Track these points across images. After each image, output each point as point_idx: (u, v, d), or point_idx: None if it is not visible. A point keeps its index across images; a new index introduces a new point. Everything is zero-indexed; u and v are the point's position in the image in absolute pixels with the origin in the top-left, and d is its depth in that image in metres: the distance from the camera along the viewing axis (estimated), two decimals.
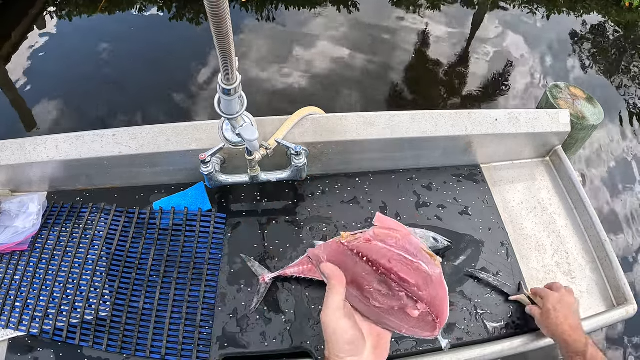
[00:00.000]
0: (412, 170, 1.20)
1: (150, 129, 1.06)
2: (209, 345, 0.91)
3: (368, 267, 0.62)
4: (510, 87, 3.14)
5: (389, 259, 0.62)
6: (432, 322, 0.60)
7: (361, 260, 0.63)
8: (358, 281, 0.62)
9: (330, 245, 0.67)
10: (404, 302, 0.60)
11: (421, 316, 0.60)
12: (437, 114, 1.13)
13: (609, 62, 3.46)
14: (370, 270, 0.62)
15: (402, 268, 0.61)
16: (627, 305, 0.99)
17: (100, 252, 1.03)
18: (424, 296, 0.60)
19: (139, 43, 3.30)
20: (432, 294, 0.60)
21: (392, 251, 0.63)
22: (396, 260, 0.62)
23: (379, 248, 0.64)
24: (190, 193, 1.13)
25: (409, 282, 0.60)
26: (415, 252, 0.63)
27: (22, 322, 0.94)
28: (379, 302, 0.61)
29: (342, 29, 3.44)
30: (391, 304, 0.60)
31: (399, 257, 0.62)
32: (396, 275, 0.61)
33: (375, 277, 0.61)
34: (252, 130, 0.80)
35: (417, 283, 0.60)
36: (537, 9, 3.89)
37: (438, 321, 0.60)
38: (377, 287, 0.61)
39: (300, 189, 1.15)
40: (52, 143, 1.05)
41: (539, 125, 1.17)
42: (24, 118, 2.76)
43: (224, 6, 0.48)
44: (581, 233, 1.14)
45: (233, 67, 0.61)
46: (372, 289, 0.61)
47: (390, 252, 0.63)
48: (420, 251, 0.63)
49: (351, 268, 0.63)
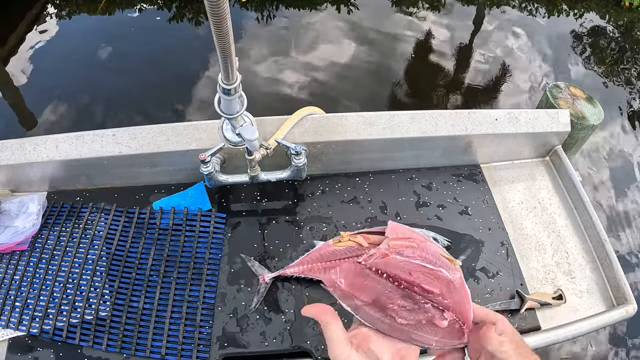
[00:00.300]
0: (412, 170, 1.20)
1: (150, 128, 1.06)
2: (209, 345, 0.91)
3: (390, 284, 0.60)
4: (510, 87, 3.14)
5: (409, 272, 0.59)
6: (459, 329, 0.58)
7: (382, 278, 0.61)
8: (381, 301, 0.59)
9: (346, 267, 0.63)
10: (430, 313, 0.58)
11: (449, 325, 0.58)
12: (437, 113, 1.13)
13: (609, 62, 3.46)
14: (392, 287, 0.59)
15: (425, 279, 0.59)
16: (627, 305, 0.99)
17: (100, 252, 1.03)
18: (450, 304, 0.58)
19: (139, 43, 3.30)
20: (457, 300, 0.58)
21: (411, 262, 0.60)
22: (417, 272, 0.59)
23: (397, 261, 0.61)
24: (190, 193, 1.12)
25: (433, 292, 0.58)
26: (434, 260, 0.60)
27: (22, 322, 0.94)
28: (406, 319, 0.58)
29: (342, 29, 3.44)
30: (418, 317, 0.58)
31: (419, 268, 0.59)
32: (419, 287, 0.58)
33: (398, 292, 0.59)
34: (252, 130, 0.80)
35: (441, 292, 0.58)
36: (537, 9, 3.89)
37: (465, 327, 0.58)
38: (401, 303, 0.59)
39: (300, 189, 1.15)
40: (52, 143, 1.05)
41: (539, 125, 1.17)
42: (23, 118, 2.76)
43: (224, 6, 0.48)
44: (581, 233, 1.14)
45: (233, 67, 0.61)
46: (396, 306, 0.58)
47: (410, 263, 0.60)
48: (439, 257, 0.61)
49: (372, 288, 0.61)
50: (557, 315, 1.00)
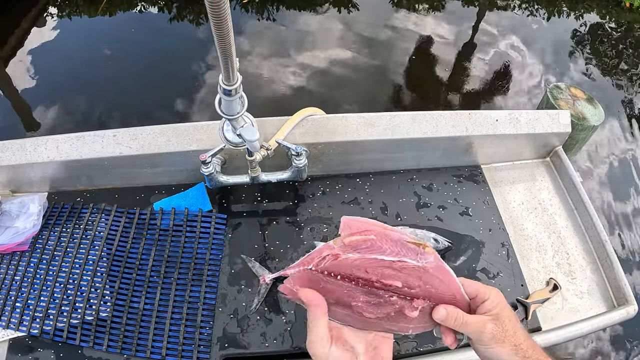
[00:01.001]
0: (412, 171, 1.20)
1: (150, 129, 1.06)
2: (210, 346, 0.91)
3: (347, 284, 0.58)
4: (511, 88, 3.14)
5: (365, 269, 0.58)
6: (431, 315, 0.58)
7: (337, 280, 0.59)
8: (343, 300, 0.58)
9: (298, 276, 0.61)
10: (398, 305, 0.57)
11: (423, 311, 0.57)
12: (437, 114, 1.13)
13: (610, 63, 3.46)
14: (350, 286, 0.58)
15: (383, 272, 0.57)
16: (628, 306, 0.99)
17: (101, 252, 1.03)
18: (419, 292, 0.57)
19: (140, 44, 3.31)
20: (431, 284, 0.57)
21: (365, 259, 0.58)
22: (374, 267, 0.57)
23: (350, 261, 0.58)
24: (190, 194, 1.13)
25: (394, 285, 0.57)
26: (396, 249, 0.58)
27: (23, 323, 0.94)
28: (373, 313, 0.58)
29: (343, 30, 3.44)
30: (386, 310, 0.58)
31: (376, 263, 0.57)
32: (378, 282, 0.57)
33: (358, 290, 0.58)
34: (253, 131, 0.80)
35: (405, 282, 0.57)
36: (537, 9, 3.89)
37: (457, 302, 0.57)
38: (364, 299, 0.58)
39: (300, 190, 1.15)
40: (52, 143, 1.05)
41: (540, 126, 1.17)
42: (24, 119, 2.76)
43: (225, 6, 0.48)
44: (582, 233, 1.14)
45: (234, 68, 0.62)
46: (360, 303, 0.58)
47: (365, 260, 0.58)
48: (404, 245, 0.58)
49: (331, 290, 0.59)
50: (558, 316, 1.00)
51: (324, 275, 0.59)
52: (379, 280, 0.57)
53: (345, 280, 0.58)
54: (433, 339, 0.93)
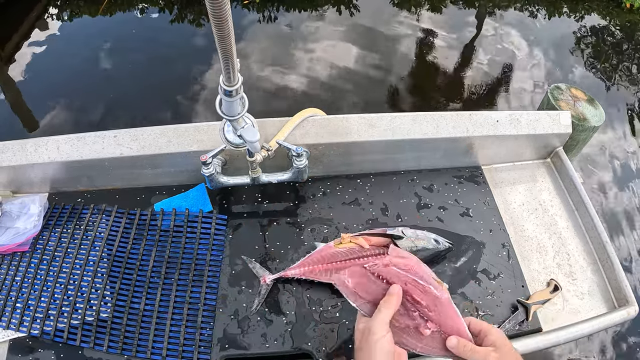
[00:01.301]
0: (413, 172, 1.20)
1: (151, 130, 1.06)
2: (210, 347, 0.91)
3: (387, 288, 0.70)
4: (511, 89, 3.14)
5: (405, 282, 0.69)
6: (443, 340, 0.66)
7: (382, 283, 0.71)
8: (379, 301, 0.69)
9: (353, 270, 0.75)
10: (417, 321, 0.68)
11: (433, 335, 0.67)
12: (438, 115, 1.13)
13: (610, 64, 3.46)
14: None
15: (415, 290, 0.68)
16: (629, 307, 0.99)
17: (102, 253, 1.03)
18: (433, 317, 0.67)
19: (141, 44, 3.31)
20: (442, 315, 0.67)
21: (407, 276, 0.70)
22: (410, 284, 0.69)
23: (395, 272, 0.71)
24: (191, 194, 1.13)
25: (420, 303, 0.68)
26: (426, 278, 0.70)
27: (23, 323, 0.94)
28: (397, 322, 0.68)
29: (343, 31, 3.45)
30: (407, 322, 0.68)
31: (412, 281, 0.69)
32: (410, 296, 0.68)
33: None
34: (254, 132, 0.80)
35: (427, 304, 0.67)
36: (538, 10, 3.89)
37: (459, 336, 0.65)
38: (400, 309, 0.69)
39: (301, 191, 1.15)
40: (53, 144, 1.05)
41: (540, 127, 1.17)
42: (25, 119, 2.77)
43: (226, 7, 0.48)
44: (582, 234, 1.14)
45: (234, 69, 0.62)
46: None
47: (406, 276, 0.70)
48: (430, 278, 0.70)
49: (373, 290, 0.71)
50: (559, 317, 1.00)
51: (373, 275, 0.73)
52: (411, 295, 0.68)
53: (387, 284, 0.70)
54: None
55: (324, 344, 0.91)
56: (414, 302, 0.68)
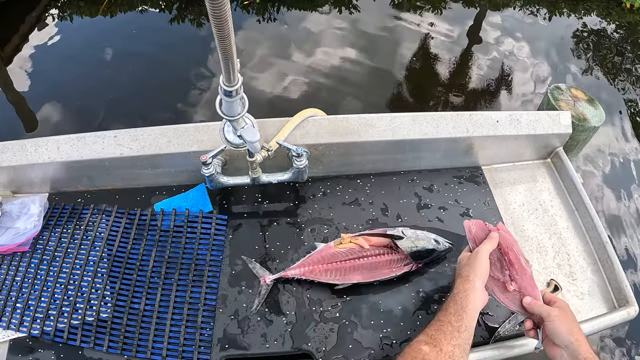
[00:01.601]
0: (413, 172, 1.20)
1: (151, 130, 1.06)
2: (210, 347, 0.91)
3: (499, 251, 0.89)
4: (512, 89, 3.14)
5: (506, 245, 0.89)
6: (520, 299, 0.84)
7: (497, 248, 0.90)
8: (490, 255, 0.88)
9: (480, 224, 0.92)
10: (506, 278, 0.87)
11: (513, 293, 0.85)
12: (438, 115, 1.13)
13: (611, 64, 3.46)
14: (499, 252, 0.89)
15: (513, 255, 0.87)
16: (629, 307, 0.99)
17: (102, 253, 1.03)
18: (518, 280, 0.86)
19: (141, 45, 3.31)
20: (524, 280, 0.85)
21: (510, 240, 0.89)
22: (511, 250, 0.88)
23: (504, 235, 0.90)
24: (191, 194, 1.13)
25: (513, 265, 0.87)
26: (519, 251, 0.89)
27: (23, 323, 0.94)
28: (492, 272, 0.87)
29: (343, 31, 3.44)
30: (499, 276, 0.87)
31: (512, 248, 0.88)
32: (508, 258, 0.88)
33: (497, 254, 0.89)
34: (254, 132, 0.80)
35: (517, 269, 0.86)
36: (538, 10, 3.89)
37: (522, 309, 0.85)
38: (495, 261, 0.88)
39: (301, 191, 1.15)
40: (53, 144, 1.05)
41: (540, 127, 1.17)
42: (25, 119, 2.77)
43: (226, 8, 0.48)
44: (582, 234, 1.14)
45: (234, 69, 0.62)
46: (493, 261, 0.88)
47: (509, 241, 0.89)
48: (521, 252, 0.89)
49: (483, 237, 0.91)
50: None
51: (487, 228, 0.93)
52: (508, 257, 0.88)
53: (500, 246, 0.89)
54: None
55: (324, 344, 0.91)
56: (509, 263, 0.87)
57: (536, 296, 0.84)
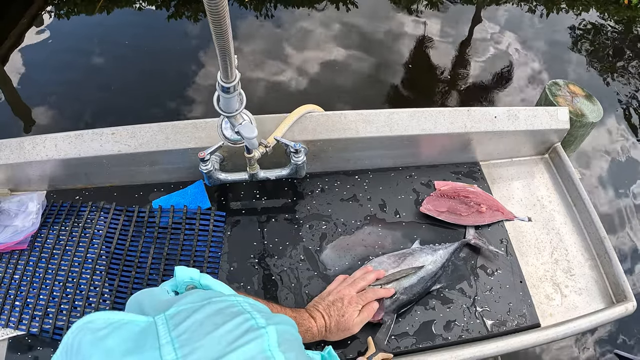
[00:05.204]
0: (411, 168, 1.20)
1: (149, 127, 1.06)
2: None
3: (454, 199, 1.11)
4: (510, 85, 3.14)
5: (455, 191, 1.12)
6: (498, 211, 1.10)
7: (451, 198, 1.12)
8: (451, 208, 1.10)
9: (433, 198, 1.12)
10: (474, 207, 1.09)
11: (488, 211, 1.09)
12: (436, 111, 1.13)
13: (608, 60, 3.46)
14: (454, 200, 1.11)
15: (464, 192, 1.11)
16: (627, 302, 0.99)
17: (100, 250, 1.03)
18: (480, 201, 1.10)
19: (138, 41, 3.30)
20: (484, 199, 1.11)
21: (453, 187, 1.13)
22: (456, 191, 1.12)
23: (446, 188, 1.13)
24: (189, 191, 1.12)
25: (469, 197, 1.10)
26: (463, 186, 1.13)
27: (22, 321, 0.94)
28: (465, 212, 1.08)
29: (341, 28, 3.44)
30: (469, 210, 1.08)
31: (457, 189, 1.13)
32: (462, 195, 1.11)
33: (456, 201, 1.10)
34: (251, 128, 0.80)
35: (475, 196, 1.11)
36: (535, 6, 3.89)
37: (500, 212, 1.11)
38: (460, 206, 1.09)
39: (299, 187, 1.15)
40: (51, 142, 1.05)
41: (538, 123, 1.18)
42: (22, 117, 2.76)
43: (223, 4, 0.48)
44: (580, 230, 1.14)
45: (232, 65, 0.61)
46: (459, 207, 1.09)
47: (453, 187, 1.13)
48: (463, 186, 1.14)
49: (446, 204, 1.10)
50: (557, 313, 1.01)
51: (443, 197, 1.12)
52: (460, 195, 1.11)
53: (453, 197, 1.11)
54: (432, 337, 0.93)
55: (321, 341, 0.91)
56: (465, 197, 1.10)
57: (498, 205, 1.11)
